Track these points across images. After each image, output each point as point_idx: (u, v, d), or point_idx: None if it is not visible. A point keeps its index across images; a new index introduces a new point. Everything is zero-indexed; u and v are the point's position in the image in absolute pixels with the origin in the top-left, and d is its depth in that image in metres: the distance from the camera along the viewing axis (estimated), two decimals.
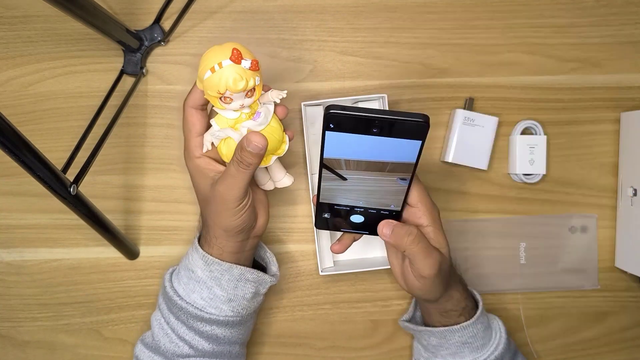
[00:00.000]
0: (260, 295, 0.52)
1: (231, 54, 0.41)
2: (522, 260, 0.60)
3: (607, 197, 0.60)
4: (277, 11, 0.58)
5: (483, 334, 0.50)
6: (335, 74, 0.58)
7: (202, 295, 0.48)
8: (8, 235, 0.58)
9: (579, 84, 0.59)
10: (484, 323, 0.51)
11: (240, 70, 0.41)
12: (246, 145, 0.42)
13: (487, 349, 0.50)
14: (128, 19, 0.57)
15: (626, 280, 0.60)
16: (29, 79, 0.57)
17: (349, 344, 0.60)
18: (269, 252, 0.54)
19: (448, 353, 0.51)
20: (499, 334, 0.51)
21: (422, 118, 0.39)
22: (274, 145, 0.46)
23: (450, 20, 0.58)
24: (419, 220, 0.47)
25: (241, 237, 0.48)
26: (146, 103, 0.58)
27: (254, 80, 0.42)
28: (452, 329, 0.49)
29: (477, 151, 0.57)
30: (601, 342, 0.61)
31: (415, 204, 0.46)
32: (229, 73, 0.41)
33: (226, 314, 0.49)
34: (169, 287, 0.50)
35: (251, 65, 0.41)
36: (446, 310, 0.50)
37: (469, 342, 0.50)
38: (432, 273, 0.45)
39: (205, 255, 0.48)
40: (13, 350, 0.58)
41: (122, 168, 0.58)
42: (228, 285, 0.48)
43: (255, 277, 0.50)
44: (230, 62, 0.41)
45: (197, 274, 0.49)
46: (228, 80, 0.41)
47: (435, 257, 0.45)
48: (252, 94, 0.43)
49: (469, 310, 0.50)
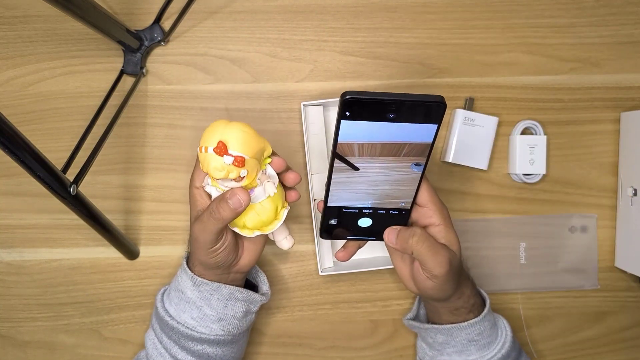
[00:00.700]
0: (251, 314, 0.52)
1: (216, 145, 0.40)
2: (522, 260, 0.60)
3: (607, 197, 0.60)
4: (277, 11, 0.58)
5: (490, 331, 0.50)
6: (335, 74, 0.58)
7: (192, 315, 0.49)
8: (8, 235, 0.58)
9: (579, 84, 0.59)
10: (491, 321, 0.51)
11: (220, 162, 0.40)
12: (228, 197, 0.42)
13: (494, 347, 0.50)
14: (128, 19, 0.57)
15: (626, 280, 0.61)
16: (29, 79, 0.57)
17: (349, 344, 0.60)
18: (260, 272, 0.55)
19: (454, 351, 0.51)
20: (504, 332, 0.51)
21: (439, 99, 0.39)
22: (256, 223, 0.45)
23: (450, 20, 0.58)
24: (429, 220, 0.46)
25: (219, 272, 0.49)
26: (146, 103, 0.58)
27: (238, 173, 0.41)
28: (459, 326, 0.49)
29: (477, 151, 0.57)
30: (601, 342, 0.61)
31: (425, 203, 0.46)
32: (210, 161, 0.40)
33: (217, 333, 0.49)
34: (160, 308, 0.50)
35: (233, 162, 0.40)
36: (457, 307, 0.50)
37: (475, 340, 0.50)
38: (443, 271, 0.45)
39: (194, 276, 0.48)
40: (13, 350, 0.58)
41: (122, 168, 0.58)
42: (218, 304, 0.49)
43: (245, 296, 0.50)
44: (213, 153, 0.40)
45: (186, 295, 0.49)
46: (209, 167, 0.40)
47: (445, 255, 0.45)
48: (240, 179, 0.42)
49: (477, 307, 0.50)
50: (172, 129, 0.58)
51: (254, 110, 0.58)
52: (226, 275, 0.49)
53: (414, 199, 0.46)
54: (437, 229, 0.46)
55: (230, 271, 0.49)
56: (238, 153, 0.40)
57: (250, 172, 0.42)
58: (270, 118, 0.58)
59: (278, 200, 0.45)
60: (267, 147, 0.44)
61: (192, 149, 0.58)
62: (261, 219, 0.45)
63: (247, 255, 0.49)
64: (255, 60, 0.58)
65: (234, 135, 0.40)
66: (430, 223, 0.46)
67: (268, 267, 0.59)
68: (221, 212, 0.43)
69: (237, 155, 0.40)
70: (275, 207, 0.45)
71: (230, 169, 0.40)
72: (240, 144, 0.40)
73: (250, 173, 0.42)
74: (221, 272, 0.49)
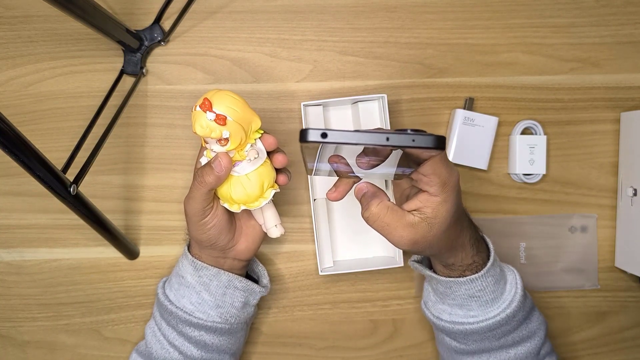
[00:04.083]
0: (250, 307, 0.52)
1: (202, 101, 0.42)
2: (522, 260, 0.60)
3: (607, 197, 0.60)
4: (277, 11, 0.58)
5: (493, 287, 0.47)
6: (335, 74, 0.58)
7: (191, 300, 0.49)
8: (8, 235, 0.58)
9: (579, 84, 0.59)
10: (495, 276, 0.47)
11: (204, 119, 0.42)
12: (211, 161, 0.44)
13: (498, 304, 0.47)
14: (128, 19, 0.57)
15: (626, 280, 0.60)
16: (29, 79, 0.57)
17: (349, 344, 0.60)
18: (261, 266, 0.55)
19: (455, 304, 0.48)
20: (514, 289, 0.48)
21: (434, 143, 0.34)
22: (242, 197, 0.46)
23: (450, 20, 0.58)
24: (426, 187, 0.42)
25: (215, 253, 0.49)
26: (146, 103, 0.58)
27: (220, 133, 0.42)
28: (457, 281, 0.47)
29: (477, 151, 0.57)
30: (601, 342, 0.61)
31: (428, 174, 0.41)
32: (196, 118, 0.43)
33: (214, 319, 0.49)
34: (161, 294, 0.51)
35: (215, 119, 0.42)
36: (448, 264, 0.47)
37: (476, 296, 0.47)
38: (403, 247, 0.43)
39: (195, 260, 0.49)
40: (13, 350, 0.58)
41: (122, 168, 0.58)
42: (217, 291, 0.49)
43: (244, 285, 0.50)
44: (199, 109, 0.43)
45: (186, 280, 0.50)
46: (194, 124, 0.43)
47: (405, 235, 0.42)
48: (225, 142, 0.43)
49: (476, 267, 0.47)
50: (172, 129, 0.58)
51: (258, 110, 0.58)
52: (223, 259, 0.50)
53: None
54: (433, 199, 0.42)
55: (226, 255, 0.50)
56: (220, 112, 0.42)
57: (234, 136, 0.43)
58: (270, 118, 0.58)
59: (265, 176, 0.46)
60: (256, 119, 0.45)
61: (192, 148, 0.58)
62: (247, 192, 0.46)
63: (245, 242, 0.50)
64: (255, 60, 0.58)
65: (220, 96, 0.43)
66: (425, 190, 0.42)
67: (268, 267, 0.58)
68: (205, 176, 0.44)
69: (219, 113, 0.42)
70: (261, 182, 0.46)
71: (212, 126, 0.42)
72: (225, 105, 0.43)
73: (233, 137, 0.43)
74: (217, 255, 0.49)
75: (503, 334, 0.48)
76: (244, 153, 0.45)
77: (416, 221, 0.42)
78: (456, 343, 0.50)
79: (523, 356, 0.49)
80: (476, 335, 0.48)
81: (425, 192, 0.42)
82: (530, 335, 0.49)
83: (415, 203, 0.43)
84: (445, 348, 0.52)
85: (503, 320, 0.47)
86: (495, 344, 0.48)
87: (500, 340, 0.48)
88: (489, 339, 0.48)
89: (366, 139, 0.33)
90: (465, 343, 0.49)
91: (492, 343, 0.48)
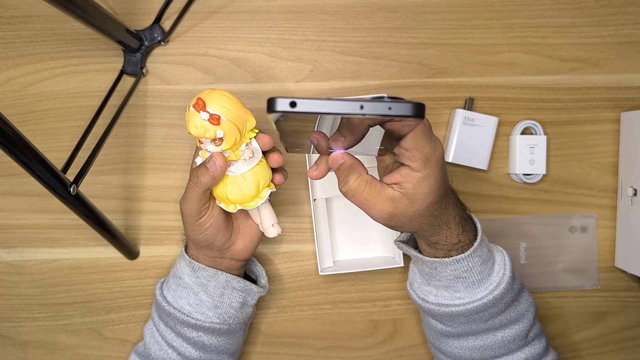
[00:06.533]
0: (249, 307, 0.52)
1: (195, 101, 0.42)
2: (522, 260, 0.60)
3: (607, 197, 0.60)
4: (277, 11, 0.58)
5: (480, 268, 0.45)
6: (335, 74, 0.58)
7: (188, 301, 0.49)
8: (8, 235, 0.58)
9: (579, 84, 0.59)
10: (482, 256, 0.46)
11: (198, 119, 0.42)
12: (206, 162, 0.44)
13: (486, 286, 0.46)
14: (128, 19, 0.57)
15: (626, 280, 0.60)
16: (29, 79, 0.57)
17: (349, 344, 0.60)
18: (259, 265, 0.55)
19: (440, 285, 0.47)
20: (502, 270, 0.46)
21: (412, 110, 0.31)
22: (238, 197, 0.46)
23: (450, 20, 0.58)
24: (407, 162, 0.40)
25: (212, 254, 0.49)
26: (146, 103, 0.58)
27: (214, 133, 0.42)
28: (442, 261, 0.45)
29: (477, 151, 0.57)
30: (601, 342, 0.61)
31: (409, 148, 0.39)
32: (190, 118, 0.42)
33: (212, 320, 0.49)
34: (158, 295, 0.51)
35: (209, 118, 0.42)
36: (432, 242, 0.45)
37: (463, 277, 0.45)
38: (381, 222, 0.42)
39: (192, 261, 0.49)
40: (13, 350, 0.58)
41: (122, 168, 0.58)
42: (214, 291, 0.49)
43: (242, 285, 0.50)
44: (193, 109, 0.42)
45: (184, 281, 0.50)
46: (188, 124, 0.43)
47: (383, 210, 0.41)
48: (220, 142, 0.43)
49: (463, 247, 0.45)
50: (171, 129, 0.58)
51: (254, 111, 0.57)
52: (220, 259, 0.50)
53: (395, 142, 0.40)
54: (414, 175, 0.40)
55: (224, 255, 0.50)
56: (214, 111, 0.42)
57: (228, 136, 0.43)
58: None
59: (261, 175, 0.46)
60: (250, 119, 0.45)
61: (192, 149, 0.58)
62: (242, 192, 0.46)
63: (242, 242, 0.50)
64: (255, 60, 0.58)
65: (214, 95, 0.43)
66: (407, 165, 0.41)
67: (268, 267, 0.59)
68: (200, 176, 0.44)
69: (213, 112, 0.42)
70: (257, 182, 0.46)
71: (206, 126, 0.42)
72: (219, 105, 0.42)
73: (228, 136, 0.43)
74: (215, 255, 0.49)
75: (490, 316, 0.47)
76: (239, 153, 0.45)
77: (396, 196, 0.41)
78: (442, 325, 0.49)
79: (511, 339, 0.48)
80: (462, 317, 0.47)
81: (407, 167, 0.40)
82: (518, 317, 0.48)
83: (395, 177, 0.41)
84: (431, 330, 0.51)
85: (490, 302, 0.45)
86: (482, 326, 0.47)
87: (487, 322, 0.47)
88: (476, 322, 0.47)
89: (339, 108, 0.31)
90: (452, 325, 0.48)
91: (479, 325, 0.47)
